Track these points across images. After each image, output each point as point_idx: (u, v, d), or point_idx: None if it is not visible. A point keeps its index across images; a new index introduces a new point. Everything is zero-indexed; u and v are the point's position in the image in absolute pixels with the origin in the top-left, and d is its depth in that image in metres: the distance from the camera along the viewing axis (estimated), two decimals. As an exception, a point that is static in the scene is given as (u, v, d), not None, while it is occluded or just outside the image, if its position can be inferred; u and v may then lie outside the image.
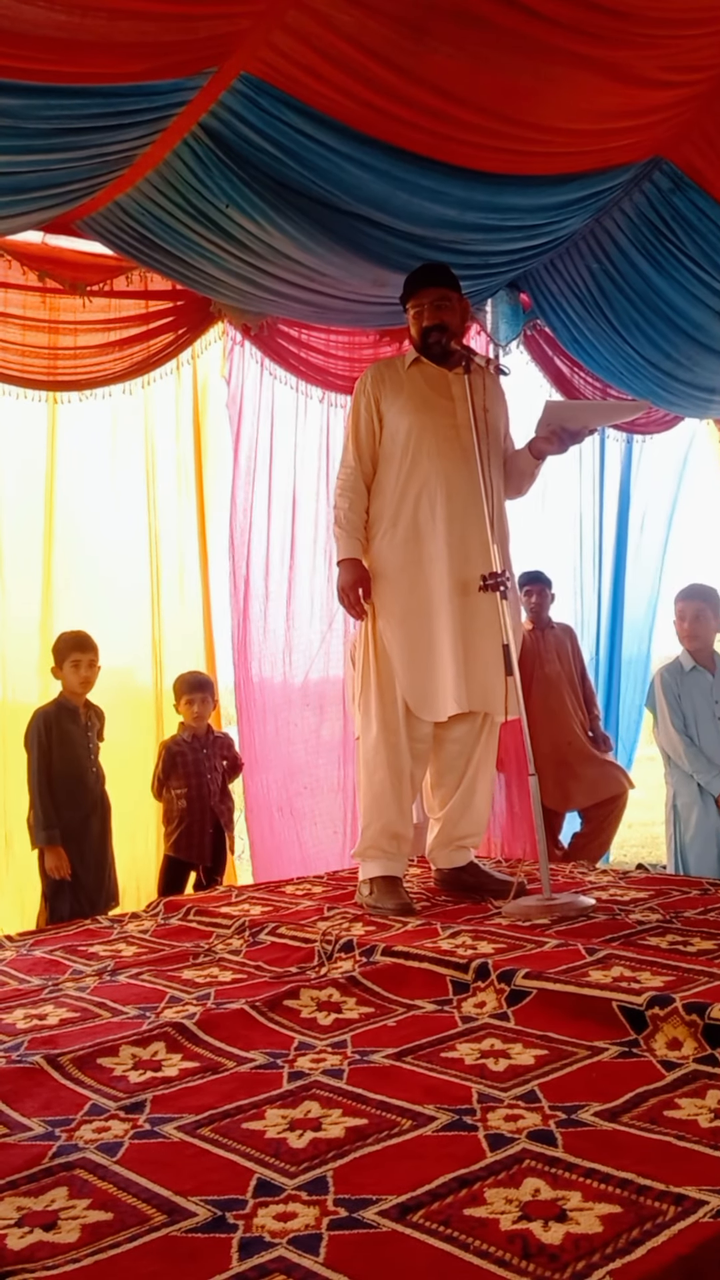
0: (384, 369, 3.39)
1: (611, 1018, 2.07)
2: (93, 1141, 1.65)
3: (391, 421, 3.28)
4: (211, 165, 3.46)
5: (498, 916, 3.00)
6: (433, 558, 3.21)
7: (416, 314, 3.31)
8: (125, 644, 4.34)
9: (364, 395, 3.33)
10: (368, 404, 3.32)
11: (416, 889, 3.44)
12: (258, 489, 4.64)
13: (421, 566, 3.22)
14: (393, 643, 3.24)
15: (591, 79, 3.36)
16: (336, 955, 2.62)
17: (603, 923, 2.87)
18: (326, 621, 4.73)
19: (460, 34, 3.07)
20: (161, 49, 2.95)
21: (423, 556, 3.22)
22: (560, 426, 3.27)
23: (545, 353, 5.31)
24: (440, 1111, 1.71)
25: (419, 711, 3.23)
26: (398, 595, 3.24)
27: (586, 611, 5.70)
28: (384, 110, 3.33)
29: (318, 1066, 1.94)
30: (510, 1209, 1.39)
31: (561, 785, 4.84)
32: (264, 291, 4.15)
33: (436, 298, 3.28)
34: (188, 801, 4.03)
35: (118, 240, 3.89)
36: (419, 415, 3.24)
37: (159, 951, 2.85)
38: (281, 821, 4.62)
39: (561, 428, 3.27)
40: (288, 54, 3.07)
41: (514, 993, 2.23)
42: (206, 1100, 1.80)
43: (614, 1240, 1.30)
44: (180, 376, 4.50)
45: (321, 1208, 1.41)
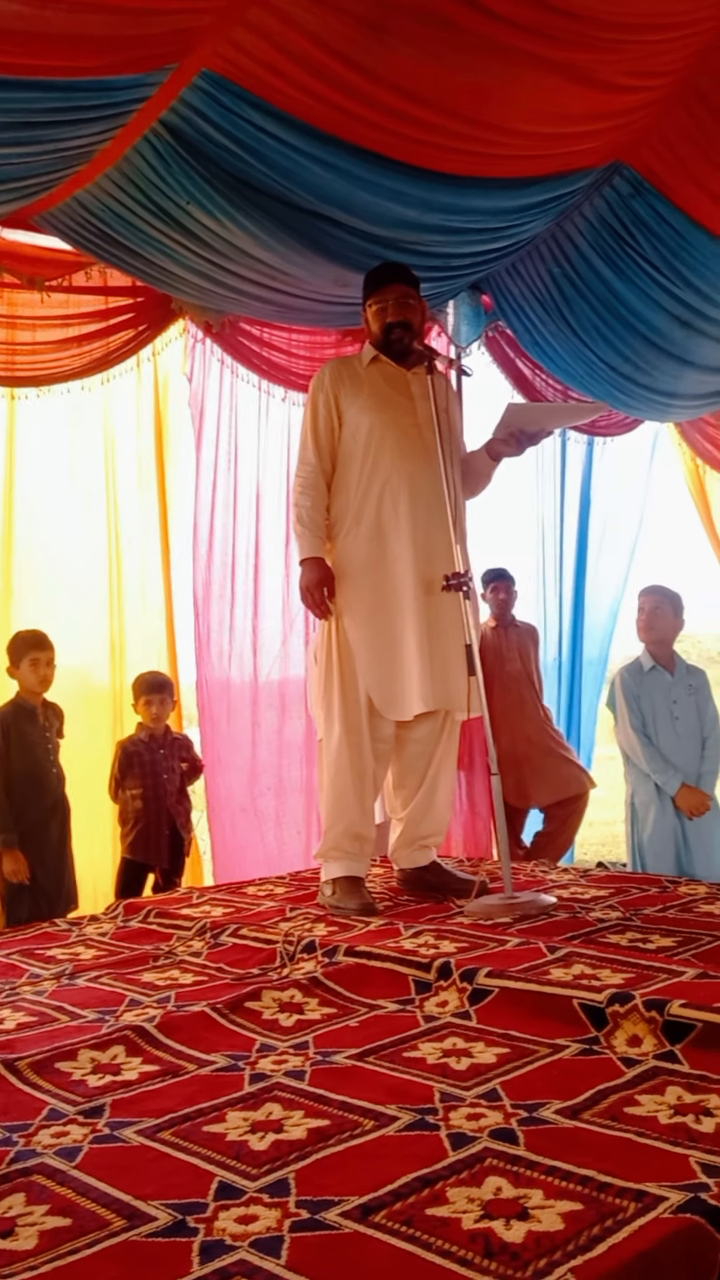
0: (341, 367, 3.37)
1: (572, 1015, 2.07)
2: (51, 1146, 1.62)
3: (352, 419, 3.27)
4: (172, 162, 3.44)
5: (460, 915, 3.01)
6: (397, 556, 3.21)
7: (379, 310, 3.30)
8: (84, 642, 4.30)
9: (322, 392, 3.30)
10: (326, 401, 3.29)
11: (379, 889, 3.44)
12: (220, 487, 4.62)
13: (385, 565, 3.22)
14: (358, 641, 3.22)
15: (553, 82, 3.37)
16: (299, 956, 2.61)
17: (564, 921, 2.89)
18: (289, 621, 4.72)
19: (422, 34, 3.08)
20: (122, 43, 2.93)
21: (386, 555, 3.22)
22: (519, 429, 3.29)
23: (507, 354, 5.34)
24: (402, 1111, 1.71)
25: (385, 710, 3.22)
26: (362, 594, 3.23)
27: (549, 612, 5.73)
28: (346, 109, 3.33)
29: (279, 1068, 1.93)
30: (472, 1208, 1.39)
31: (523, 783, 4.88)
32: (225, 289, 4.13)
33: (400, 295, 3.28)
34: (144, 803, 3.99)
35: (77, 236, 3.85)
36: (380, 414, 3.24)
37: (118, 954, 2.83)
38: (244, 822, 4.60)
39: (520, 430, 3.29)
40: (249, 51, 3.06)
41: (476, 991, 2.23)
42: (167, 1103, 1.78)
43: (575, 1238, 1.30)
44: (141, 373, 4.47)
45: (283, 1210, 1.40)
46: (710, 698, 4.33)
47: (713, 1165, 1.46)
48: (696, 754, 4.21)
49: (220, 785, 4.54)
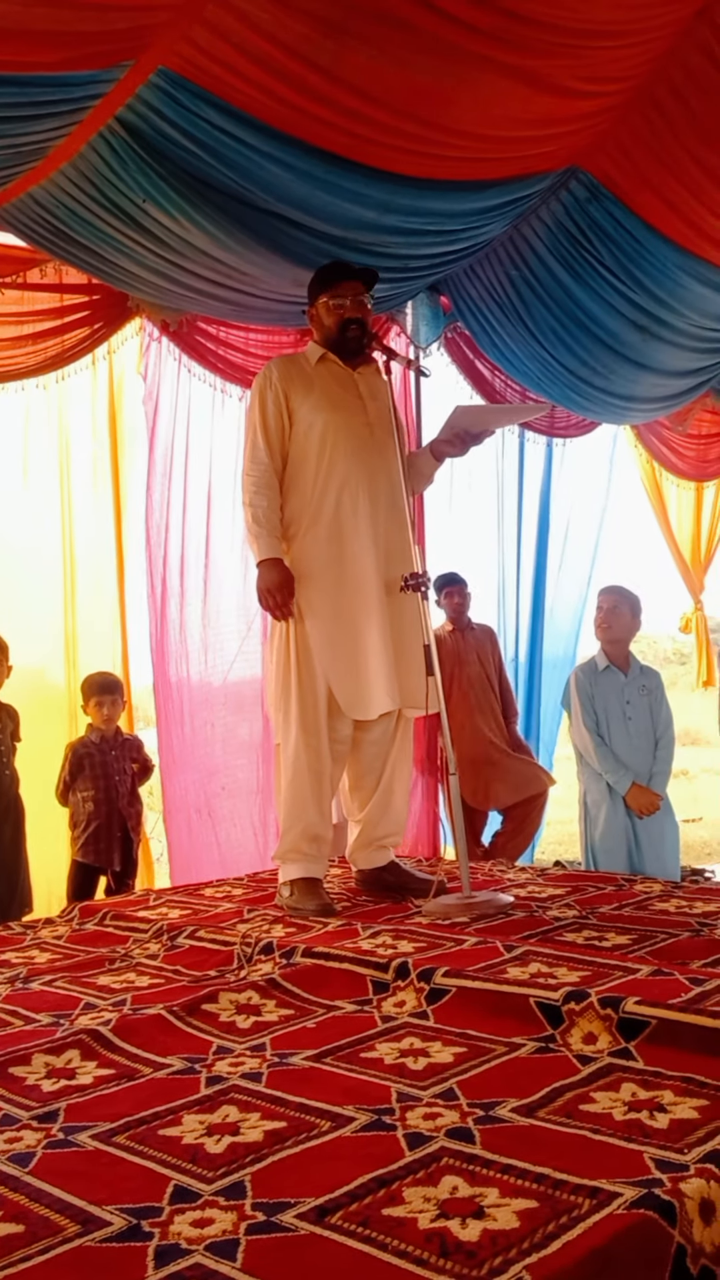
0: (289, 365, 3.32)
1: (529, 1014, 2.09)
2: (4, 1153, 1.60)
3: (304, 418, 3.24)
4: (128, 159, 3.41)
5: (418, 915, 3.01)
6: (356, 557, 3.21)
7: (336, 305, 3.27)
8: (38, 643, 4.26)
9: (271, 390, 3.25)
10: (276, 399, 3.24)
11: (337, 889, 3.44)
12: (174, 486, 4.59)
13: (344, 566, 3.21)
14: (320, 642, 3.20)
15: (510, 86, 3.39)
16: (256, 958, 2.60)
17: (521, 920, 2.91)
18: (245, 621, 4.70)
19: (380, 35, 3.08)
20: (77, 39, 2.90)
21: (345, 555, 3.21)
22: (464, 429, 3.31)
23: (466, 355, 5.36)
24: (359, 1112, 1.71)
25: (349, 710, 3.21)
26: (323, 594, 3.21)
27: (507, 613, 5.76)
28: (303, 110, 3.32)
29: (236, 1070, 1.92)
30: (428, 1208, 1.39)
31: (484, 784, 4.90)
32: (182, 288, 4.11)
33: (358, 293, 3.27)
34: (95, 804, 3.94)
35: (31, 232, 3.81)
36: (333, 413, 3.23)
37: (74, 957, 2.80)
38: (200, 823, 4.58)
39: (465, 430, 3.31)
40: (206, 49, 3.04)
41: (433, 991, 2.24)
42: (122, 1108, 1.76)
43: (530, 1235, 1.31)
44: (96, 371, 4.43)
45: (239, 1212, 1.40)
46: (664, 699, 4.38)
47: (666, 1161, 1.48)
48: (649, 754, 4.26)
49: (176, 786, 4.51)
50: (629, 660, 4.40)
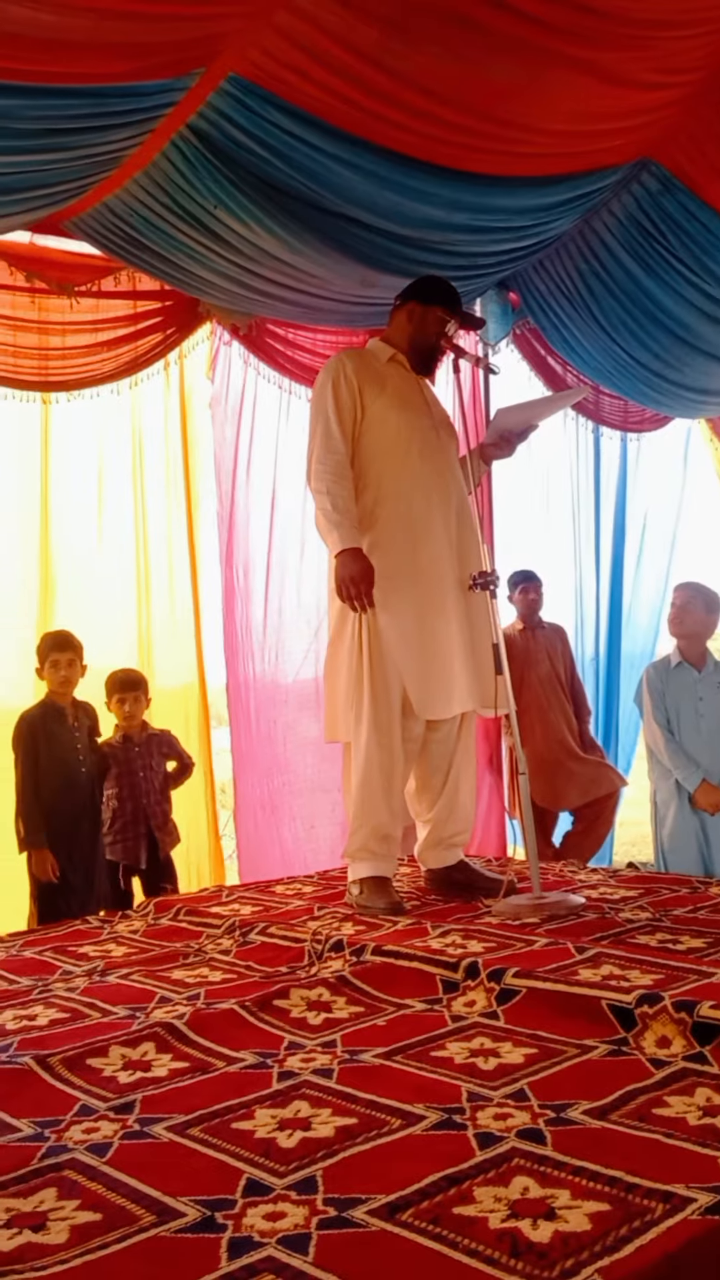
0: (360, 359, 3.30)
1: (601, 1016, 2.07)
2: (82, 1142, 1.64)
3: (377, 414, 3.22)
4: (199, 166, 3.46)
5: (488, 915, 3.01)
6: (431, 556, 3.20)
7: (442, 321, 3.28)
8: (113, 643, 4.33)
9: (346, 381, 3.21)
10: (350, 390, 3.21)
11: (406, 888, 3.45)
12: (245, 488, 4.65)
13: (419, 564, 3.20)
14: (395, 641, 3.17)
15: (579, 80, 3.36)
16: (327, 955, 2.62)
17: (592, 921, 2.88)
18: (307, 621, 4.74)
19: (448, 35, 3.07)
20: (149, 49, 2.95)
21: (420, 554, 3.20)
22: (507, 430, 3.31)
23: (536, 351, 5.32)
24: (430, 1110, 1.71)
25: (426, 710, 3.20)
26: (399, 593, 3.18)
27: (585, 611, 5.71)
28: (372, 111, 3.33)
29: (307, 1066, 1.94)
30: (499, 1207, 1.39)
31: (553, 784, 4.86)
32: (252, 292, 4.15)
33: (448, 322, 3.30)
34: (120, 802, 3.93)
35: (106, 241, 3.88)
36: (405, 413, 3.24)
37: (149, 952, 2.85)
38: (266, 820, 4.63)
39: (509, 431, 3.32)
40: (275, 55, 3.07)
41: (504, 991, 2.23)
42: (196, 1100, 1.79)
43: (602, 1238, 1.30)
44: (168, 376, 4.51)
45: (311, 1207, 1.41)
46: (738, 696, 4.30)
47: (741, 1167, 1.46)
48: (719, 752, 4.19)
49: (245, 784, 4.56)
50: (704, 657, 4.33)
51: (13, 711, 3.86)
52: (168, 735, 4.14)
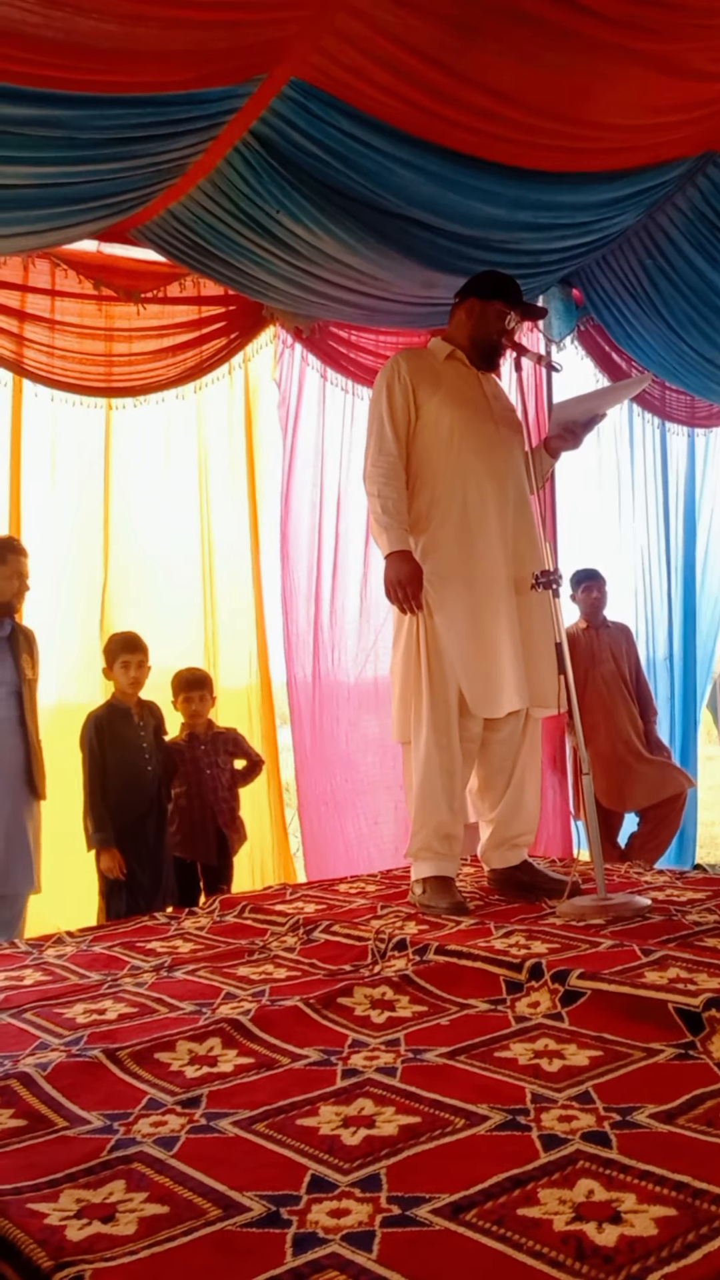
0: (416, 358, 3.33)
1: (667, 1019, 2.05)
2: (150, 1135, 1.67)
3: (431, 413, 3.23)
4: (262, 171, 3.49)
5: (552, 916, 2.99)
6: (485, 555, 3.20)
7: (502, 315, 3.31)
8: (179, 644, 4.39)
9: (399, 382, 3.25)
10: (404, 391, 3.24)
11: (470, 888, 3.44)
12: (309, 490, 4.68)
13: (474, 564, 3.21)
14: (450, 640, 3.20)
15: (643, 74, 3.32)
16: (390, 953, 2.63)
17: (659, 923, 2.85)
18: (366, 620, 4.76)
19: (509, 32, 3.05)
20: (212, 56, 2.98)
21: (474, 554, 3.21)
22: (571, 421, 3.28)
23: (601, 348, 5.27)
24: (494, 1111, 1.71)
25: (477, 709, 3.21)
26: (454, 592, 3.20)
27: (656, 609, 5.63)
28: (433, 111, 3.33)
29: (371, 1064, 1.95)
30: (564, 1210, 1.39)
31: (619, 785, 4.81)
32: (315, 295, 4.17)
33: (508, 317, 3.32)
34: (186, 800, 3.96)
35: (171, 247, 3.93)
36: (461, 410, 3.24)
37: (215, 948, 2.88)
38: (329, 818, 4.65)
39: (573, 422, 3.29)
40: (336, 58, 3.08)
41: (568, 993, 2.22)
42: (261, 1096, 1.82)
43: (669, 1244, 1.29)
44: (232, 380, 4.55)
45: (375, 1205, 1.42)
46: None
47: None
48: None
49: (308, 782, 4.59)
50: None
51: (78, 709, 3.93)
52: (233, 733, 4.18)
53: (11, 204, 3.35)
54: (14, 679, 3.62)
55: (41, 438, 4.19)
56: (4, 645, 3.63)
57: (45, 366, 4.07)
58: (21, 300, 4.03)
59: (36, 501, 4.18)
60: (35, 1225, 1.38)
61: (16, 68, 2.79)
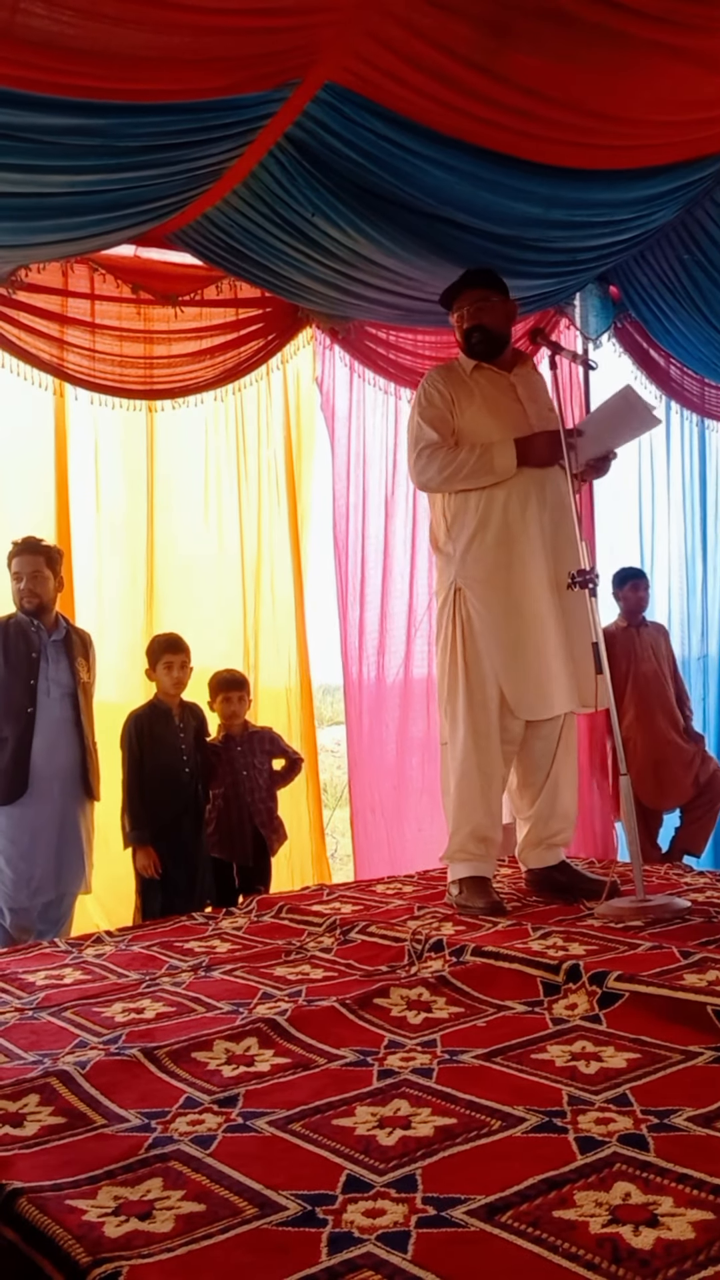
0: (448, 374, 3.40)
1: (706, 1022, 2.03)
2: (187, 1134, 1.69)
3: (468, 424, 3.28)
4: (297, 175, 3.50)
5: (590, 918, 2.97)
6: (524, 559, 3.21)
7: (458, 319, 3.37)
8: (219, 645, 4.41)
9: (437, 393, 3.32)
10: (444, 401, 3.31)
11: (507, 889, 3.43)
12: (354, 491, 4.70)
13: (513, 568, 3.22)
14: (490, 645, 3.22)
15: (678, 69, 3.29)
16: (426, 954, 2.63)
17: (698, 925, 2.83)
18: (413, 623, 4.77)
19: (542, 30, 3.04)
20: (246, 62, 3.00)
21: (514, 558, 3.22)
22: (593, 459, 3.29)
23: (639, 344, 5.23)
24: (530, 1113, 1.71)
25: (520, 711, 3.21)
26: (493, 597, 3.22)
27: (693, 608, 5.58)
28: (467, 111, 3.32)
29: (407, 1065, 1.95)
30: (600, 1212, 1.38)
31: (660, 784, 4.79)
32: (351, 297, 4.18)
33: (474, 299, 3.33)
34: (224, 801, 3.97)
35: (207, 251, 3.96)
36: (494, 419, 3.26)
37: (252, 948, 2.90)
38: (374, 820, 4.66)
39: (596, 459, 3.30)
40: (370, 60, 3.09)
41: (606, 995, 2.21)
42: (297, 1096, 1.82)
43: (707, 1248, 1.28)
44: (270, 382, 4.57)
45: (410, 1205, 1.43)
46: None
47: None
48: None
49: (360, 785, 4.60)
50: None
51: (121, 708, 3.96)
52: (270, 733, 4.19)
53: (51, 212, 3.40)
54: (70, 681, 3.66)
55: (85, 442, 4.24)
56: (59, 648, 3.67)
57: (87, 370, 4.11)
58: (62, 304, 4.07)
59: (83, 505, 4.22)
60: (73, 1221, 1.40)
61: (54, 78, 2.82)
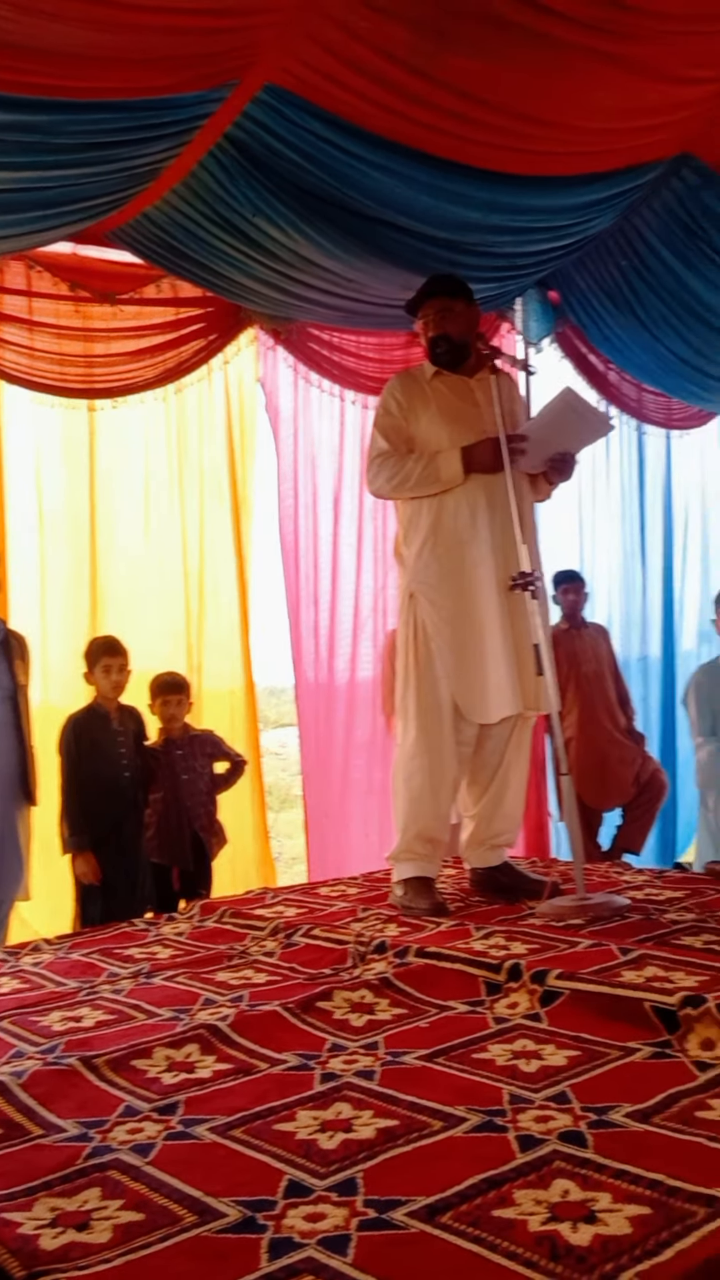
0: (407, 381, 3.40)
1: (644, 1018, 2.06)
2: (126, 1143, 1.66)
3: (423, 432, 3.30)
4: (237, 175, 3.49)
5: (532, 917, 3.00)
6: (476, 563, 3.23)
7: (424, 326, 3.36)
8: (162, 648, 4.38)
9: (394, 401, 3.34)
10: (400, 410, 3.33)
11: (450, 890, 3.44)
12: (303, 492, 4.70)
13: (464, 572, 3.24)
14: (441, 648, 3.23)
15: (615, 77, 3.34)
16: (370, 957, 2.62)
17: (637, 923, 2.86)
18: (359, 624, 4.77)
19: (481, 35, 3.07)
20: (186, 62, 2.98)
21: (465, 563, 3.24)
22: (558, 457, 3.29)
23: (578, 349, 5.30)
24: (471, 1113, 1.72)
25: (470, 714, 3.23)
26: (445, 602, 3.24)
27: (632, 609, 5.66)
28: (407, 115, 3.34)
29: (350, 1068, 1.95)
30: (539, 1210, 1.39)
31: (602, 784, 4.84)
32: (292, 298, 4.18)
33: (438, 308, 3.33)
34: (163, 805, 3.94)
35: (147, 250, 3.93)
36: (450, 426, 3.27)
37: (194, 954, 2.87)
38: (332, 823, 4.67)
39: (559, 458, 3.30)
40: (309, 62, 3.09)
41: (547, 993, 2.23)
42: (239, 1101, 1.81)
43: (643, 1242, 1.29)
44: (212, 382, 4.54)
45: (351, 1209, 1.42)
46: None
47: (785, 1172, 1.44)
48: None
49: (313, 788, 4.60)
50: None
51: (64, 713, 3.92)
52: (211, 736, 4.16)
53: (-14, 208, 3.35)
54: (8, 684, 3.61)
55: (24, 442, 4.18)
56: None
57: (25, 369, 4.06)
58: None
59: (23, 507, 4.17)
60: (9, 1234, 1.38)
61: (-11, 73, 2.79)
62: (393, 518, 4.82)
